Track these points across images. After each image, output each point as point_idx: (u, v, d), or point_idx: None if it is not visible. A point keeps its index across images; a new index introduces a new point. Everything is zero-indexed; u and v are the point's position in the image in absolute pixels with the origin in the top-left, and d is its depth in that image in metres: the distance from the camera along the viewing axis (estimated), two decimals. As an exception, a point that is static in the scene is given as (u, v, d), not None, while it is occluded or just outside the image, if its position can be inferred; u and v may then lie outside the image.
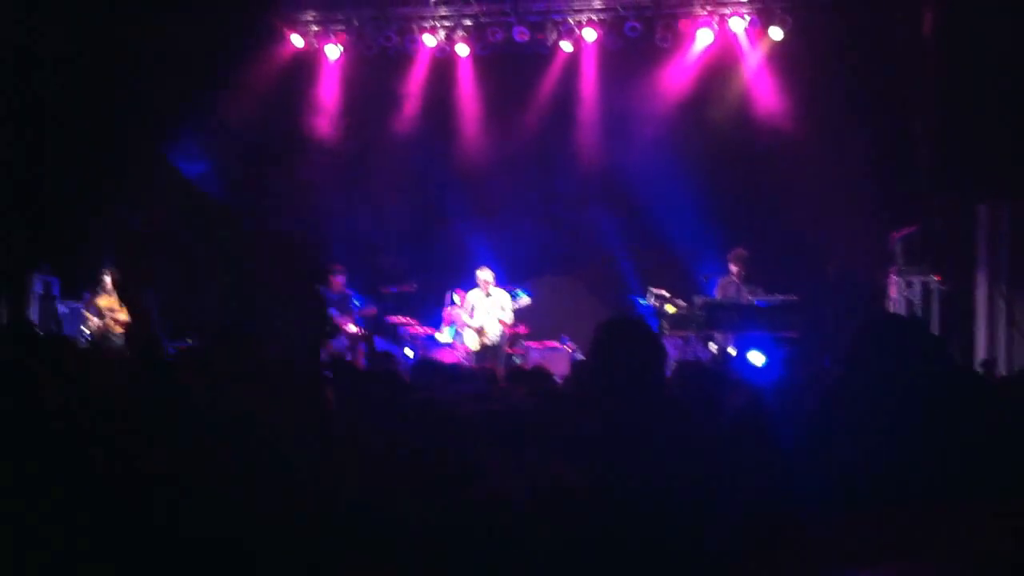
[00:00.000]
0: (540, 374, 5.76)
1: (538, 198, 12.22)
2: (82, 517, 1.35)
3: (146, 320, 9.19)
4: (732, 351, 9.68)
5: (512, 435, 2.07)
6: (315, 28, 12.72)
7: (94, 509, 1.38)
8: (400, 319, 11.68)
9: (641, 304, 10.22)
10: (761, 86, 11.67)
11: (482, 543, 1.49)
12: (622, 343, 3.24)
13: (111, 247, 11.03)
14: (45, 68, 10.41)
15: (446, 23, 12.39)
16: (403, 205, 12.59)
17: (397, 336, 11.71)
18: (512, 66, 12.50)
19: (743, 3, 11.61)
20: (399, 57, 12.65)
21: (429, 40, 12.39)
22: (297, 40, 12.69)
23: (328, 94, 12.80)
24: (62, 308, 11.60)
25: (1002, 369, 9.18)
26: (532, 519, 1.57)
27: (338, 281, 11.35)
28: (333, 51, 12.70)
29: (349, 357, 10.63)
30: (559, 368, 9.09)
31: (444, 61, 12.60)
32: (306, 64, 12.84)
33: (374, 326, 11.64)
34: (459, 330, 11.35)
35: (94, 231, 11.13)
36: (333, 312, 11.37)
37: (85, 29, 10.35)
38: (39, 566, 1.34)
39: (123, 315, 10.79)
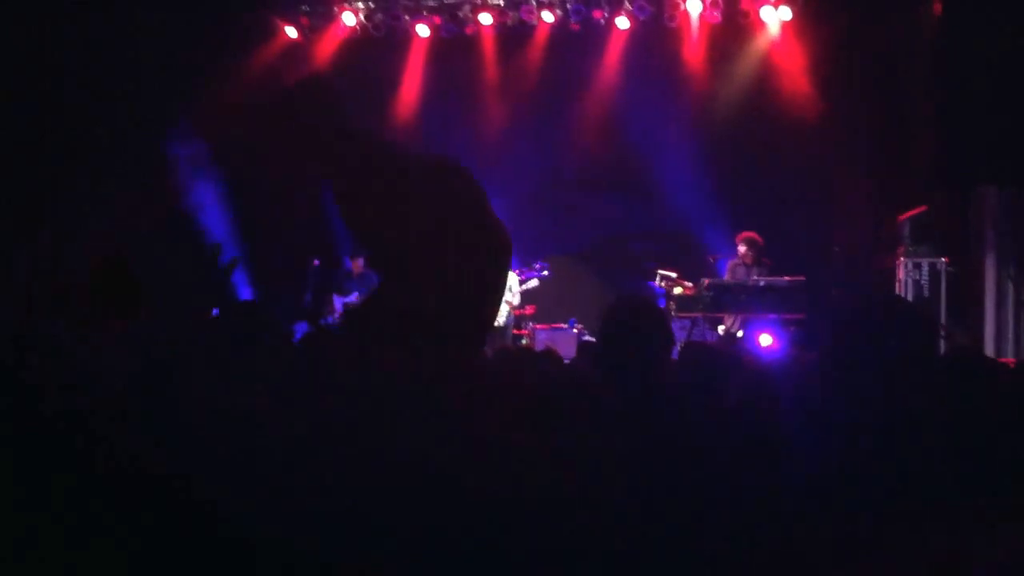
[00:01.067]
0: (550, 357, 5.77)
1: (546, 179, 12.18)
2: (81, 517, 1.36)
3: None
4: (739, 333, 9.68)
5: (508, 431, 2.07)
6: (321, 8, 12.65)
7: (93, 508, 1.38)
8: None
9: (655, 288, 10.22)
10: (769, 69, 11.60)
11: (480, 544, 1.49)
12: (630, 325, 3.24)
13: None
14: (39, 62, 10.41)
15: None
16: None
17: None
18: (523, 47, 12.43)
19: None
20: (406, 38, 12.60)
21: (435, 20, 12.37)
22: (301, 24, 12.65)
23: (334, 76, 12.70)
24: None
25: (1010, 351, 9.19)
26: (529, 519, 1.58)
27: (359, 263, 11.40)
28: (346, 23, 12.57)
29: None
30: (566, 350, 9.12)
31: (450, 41, 12.54)
32: (308, 46, 12.76)
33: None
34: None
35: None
36: (356, 295, 11.42)
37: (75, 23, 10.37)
38: (39, 566, 1.34)
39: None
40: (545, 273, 11.11)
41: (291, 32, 12.70)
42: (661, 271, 10.29)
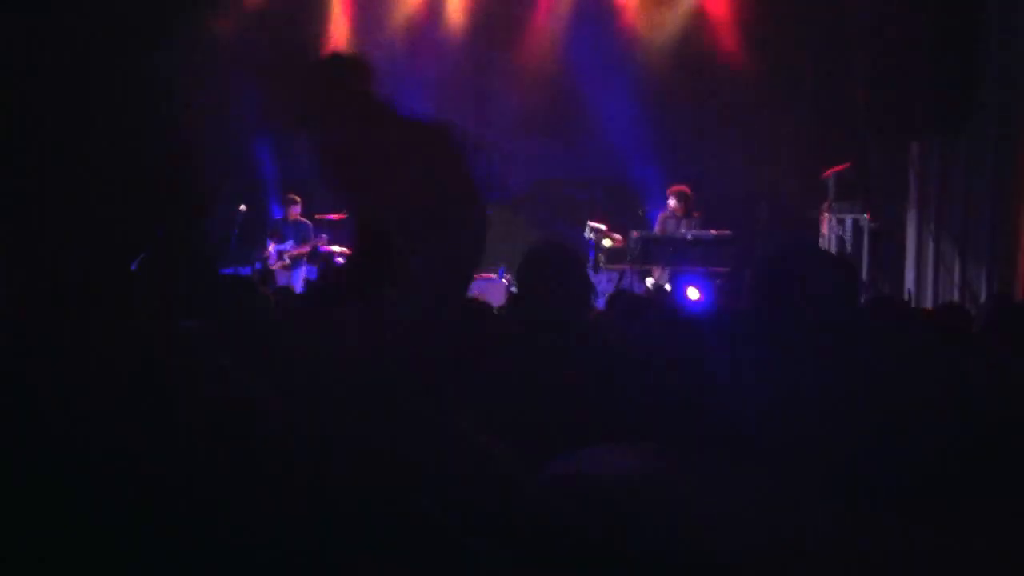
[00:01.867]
0: (478, 307, 5.73)
1: (474, 124, 12.03)
2: (80, 517, 1.33)
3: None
4: (667, 286, 9.75)
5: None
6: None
7: (93, 508, 1.35)
8: (334, 248, 11.50)
9: (583, 239, 10.22)
10: (707, 18, 11.62)
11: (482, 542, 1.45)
12: (547, 273, 3.21)
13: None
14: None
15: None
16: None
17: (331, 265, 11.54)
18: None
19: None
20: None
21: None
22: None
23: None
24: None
25: (929, 305, 9.41)
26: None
27: (294, 211, 11.27)
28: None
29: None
30: (495, 299, 9.09)
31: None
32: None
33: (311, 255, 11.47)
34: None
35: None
36: (291, 242, 11.25)
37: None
38: (39, 566, 1.30)
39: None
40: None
41: None
42: (591, 223, 10.31)
